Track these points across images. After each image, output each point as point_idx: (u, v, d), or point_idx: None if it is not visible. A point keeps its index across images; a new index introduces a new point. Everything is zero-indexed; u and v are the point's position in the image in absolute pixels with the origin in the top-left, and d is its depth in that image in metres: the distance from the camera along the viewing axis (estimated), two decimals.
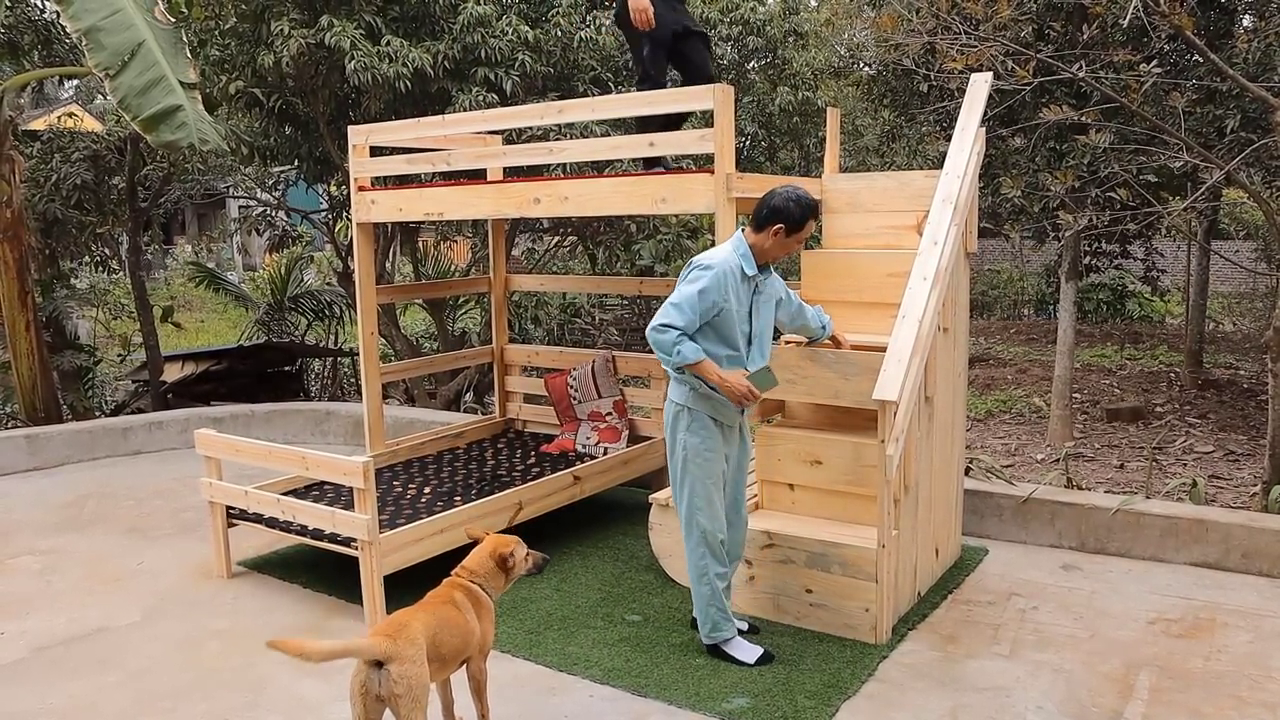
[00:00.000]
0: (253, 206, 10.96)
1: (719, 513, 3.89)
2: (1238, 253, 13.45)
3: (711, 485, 3.85)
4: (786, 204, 3.72)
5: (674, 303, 3.67)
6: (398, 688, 2.89)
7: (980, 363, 12.09)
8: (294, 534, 4.64)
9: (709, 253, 3.81)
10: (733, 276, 3.72)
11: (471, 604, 3.30)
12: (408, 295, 9.69)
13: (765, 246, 3.77)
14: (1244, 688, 3.68)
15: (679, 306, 3.65)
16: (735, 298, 3.74)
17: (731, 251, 3.78)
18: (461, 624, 3.22)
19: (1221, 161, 5.67)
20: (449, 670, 3.26)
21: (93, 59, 6.54)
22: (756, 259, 3.79)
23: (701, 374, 3.68)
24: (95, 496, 6.49)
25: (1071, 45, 6.21)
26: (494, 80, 7.30)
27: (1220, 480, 7.13)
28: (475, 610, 3.29)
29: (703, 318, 3.68)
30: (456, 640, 3.19)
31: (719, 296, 3.68)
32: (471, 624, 3.25)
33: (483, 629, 3.30)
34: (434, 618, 3.15)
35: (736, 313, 3.76)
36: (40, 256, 9.40)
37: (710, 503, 3.86)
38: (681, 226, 8.96)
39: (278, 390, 10.78)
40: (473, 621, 3.26)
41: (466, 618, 3.25)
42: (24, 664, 4.08)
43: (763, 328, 3.91)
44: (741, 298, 3.78)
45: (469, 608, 3.28)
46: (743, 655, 3.92)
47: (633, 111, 4.96)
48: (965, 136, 4.65)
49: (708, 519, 3.86)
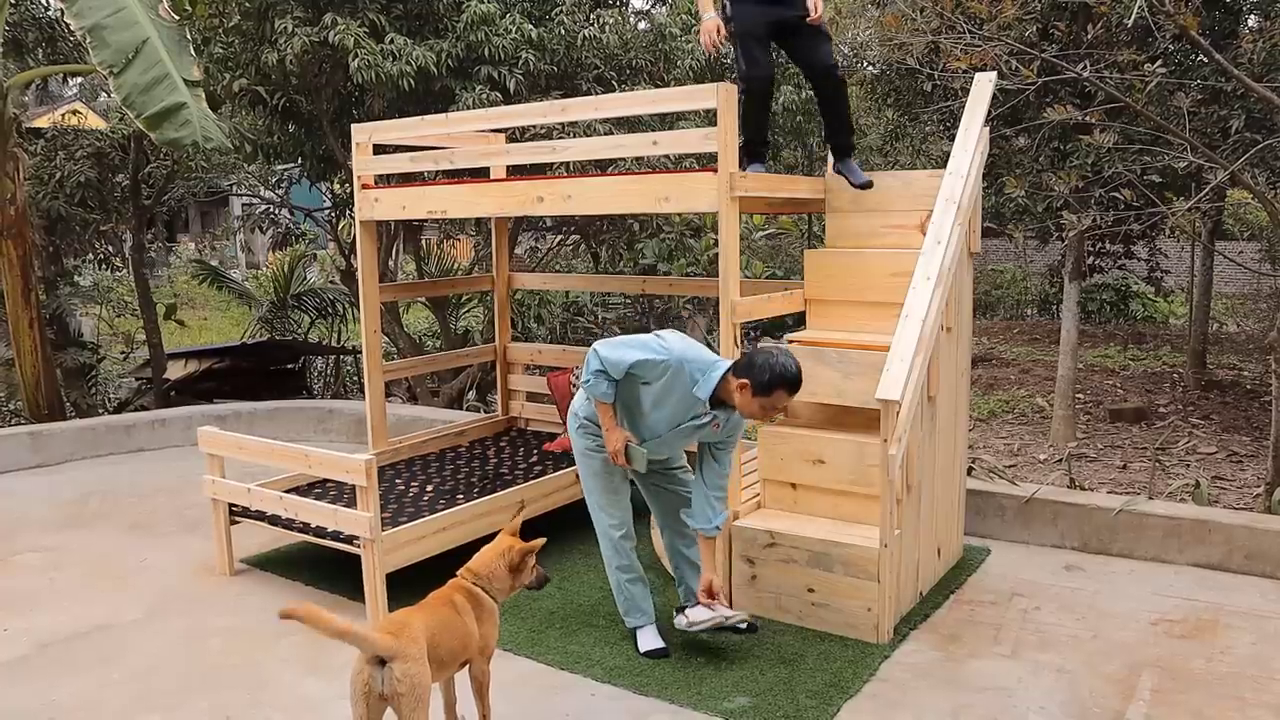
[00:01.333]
0: (256, 204, 10.98)
1: (613, 509, 4.09)
2: (1242, 253, 13.42)
3: (601, 482, 4.06)
4: (763, 367, 3.67)
5: (624, 342, 3.81)
6: (400, 686, 2.88)
7: (983, 363, 12.08)
8: (296, 532, 4.64)
9: (689, 347, 3.82)
10: (680, 379, 3.76)
11: (472, 606, 3.29)
12: (411, 293, 9.70)
13: (730, 389, 3.75)
14: (1247, 689, 3.67)
15: (617, 348, 3.77)
16: (664, 391, 3.80)
17: (707, 365, 3.78)
18: (459, 626, 3.22)
19: (1226, 162, 5.66)
20: (447, 672, 3.26)
21: (96, 56, 6.55)
22: (720, 394, 3.77)
23: (599, 411, 3.89)
24: (98, 494, 6.50)
25: (1076, 45, 6.19)
26: (497, 79, 7.30)
27: (1223, 481, 7.12)
28: (476, 613, 3.28)
29: (622, 373, 3.77)
30: (454, 642, 3.18)
31: (647, 373, 3.77)
32: (470, 627, 3.24)
33: (483, 632, 3.29)
34: (433, 618, 3.15)
35: (653, 402, 3.84)
36: (44, 254, 9.42)
37: (602, 499, 4.09)
38: (684, 225, 8.96)
39: (280, 388, 10.79)
40: (471, 625, 3.25)
41: (465, 620, 3.24)
42: (27, 660, 4.09)
43: (671, 437, 3.95)
44: (673, 398, 3.82)
45: (468, 610, 3.27)
46: (641, 643, 4.06)
47: (636, 110, 4.96)
48: (969, 136, 4.64)
49: (604, 514, 4.10)
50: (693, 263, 8.93)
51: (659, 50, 8.27)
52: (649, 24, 8.87)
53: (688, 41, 8.30)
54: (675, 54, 8.30)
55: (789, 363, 3.70)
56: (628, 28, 8.28)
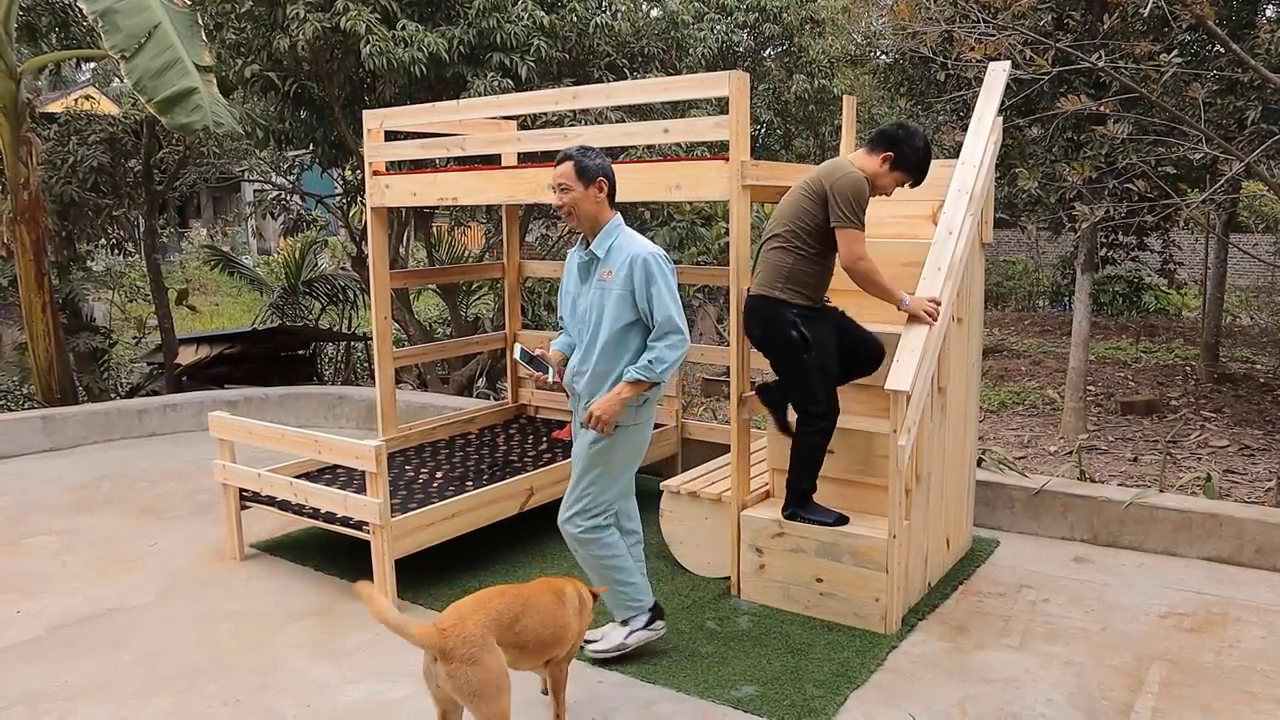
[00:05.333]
0: (267, 190, 10.99)
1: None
2: (1256, 246, 13.35)
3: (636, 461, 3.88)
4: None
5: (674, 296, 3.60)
6: (448, 685, 2.83)
7: (994, 354, 12.05)
8: (306, 517, 4.66)
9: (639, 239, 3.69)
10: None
11: (579, 603, 3.28)
12: (421, 280, 9.69)
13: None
14: (1256, 683, 3.66)
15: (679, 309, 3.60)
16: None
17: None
18: (557, 617, 3.14)
19: (1241, 153, 5.62)
20: (532, 661, 3.15)
21: (108, 41, 6.56)
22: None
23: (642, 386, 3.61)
24: (110, 478, 6.53)
25: (1091, 35, 6.15)
26: (509, 66, 7.29)
27: (1235, 475, 7.09)
28: (579, 611, 3.28)
29: None
30: (545, 632, 3.09)
31: None
32: (568, 620, 3.20)
33: (578, 630, 3.28)
34: (518, 604, 3.05)
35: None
36: (57, 239, 9.45)
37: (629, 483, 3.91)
38: (695, 214, 8.95)
39: (291, 374, 10.83)
40: (571, 619, 3.22)
41: (565, 613, 3.18)
42: (39, 642, 4.12)
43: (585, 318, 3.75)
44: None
45: (574, 605, 3.24)
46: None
47: (648, 98, 4.93)
48: (982, 126, 4.62)
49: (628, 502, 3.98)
50: (704, 251, 8.92)
51: (671, 38, 8.25)
52: (661, 11, 8.85)
53: (700, 29, 8.28)
54: (687, 41, 8.28)
55: None
56: (640, 15, 8.26)
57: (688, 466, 5.52)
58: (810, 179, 4.09)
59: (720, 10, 9.43)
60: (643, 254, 3.57)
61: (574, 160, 3.61)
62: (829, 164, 4.13)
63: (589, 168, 3.61)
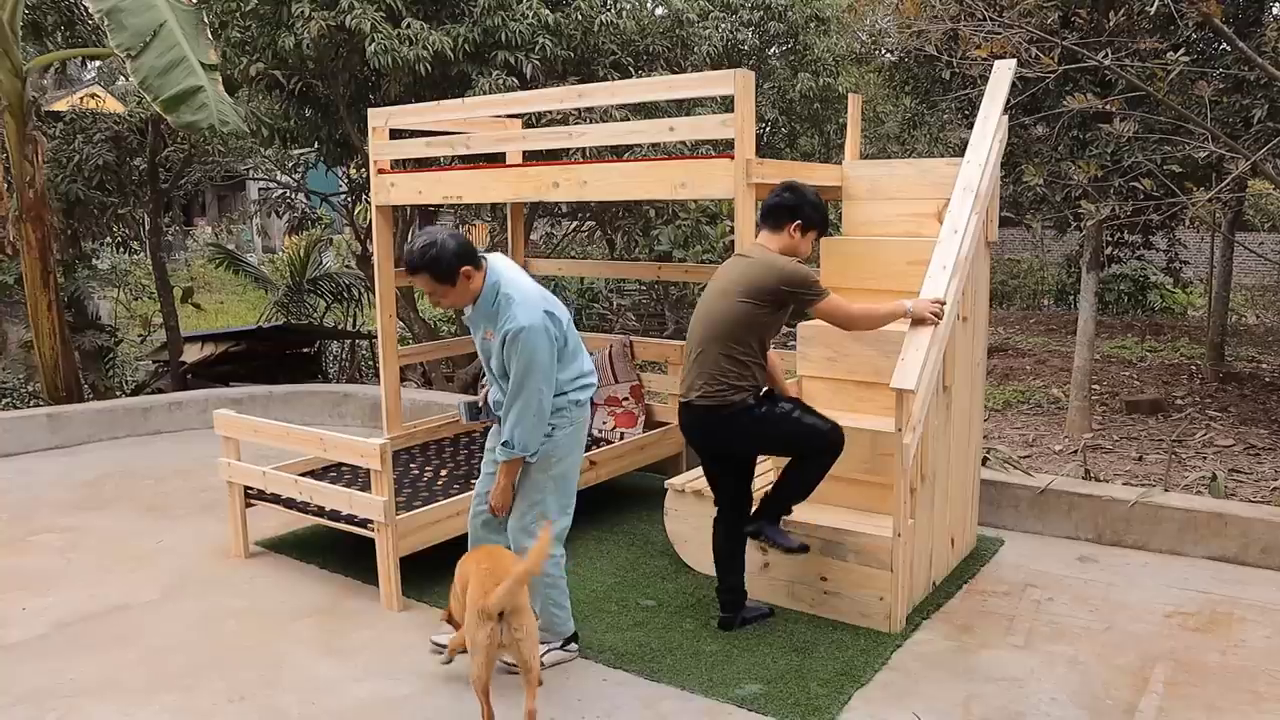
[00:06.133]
0: (272, 189, 11.01)
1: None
2: (1262, 244, 13.32)
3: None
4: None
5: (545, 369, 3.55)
6: (524, 634, 3.15)
7: (999, 353, 12.03)
8: (311, 515, 4.66)
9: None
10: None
11: None
12: None
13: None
14: (1261, 683, 3.65)
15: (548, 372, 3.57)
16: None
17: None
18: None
19: (1248, 152, 5.60)
20: None
21: (114, 39, 6.57)
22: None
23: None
24: (115, 475, 6.55)
25: (1097, 33, 6.13)
26: (514, 64, 7.28)
27: (1240, 474, 7.07)
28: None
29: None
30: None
31: None
32: None
33: None
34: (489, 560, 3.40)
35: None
36: (62, 237, 9.47)
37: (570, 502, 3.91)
38: (700, 212, 8.94)
39: (296, 372, 10.85)
40: None
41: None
42: (45, 639, 4.13)
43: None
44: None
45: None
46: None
47: (653, 96, 4.94)
48: (987, 124, 4.61)
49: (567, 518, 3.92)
50: (708, 249, 8.92)
51: (676, 36, 8.24)
52: (666, 9, 8.84)
53: (705, 27, 8.27)
54: (692, 40, 8.27)
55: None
56: (645, 13, 8.26)
57: (692, 465, 5.52)
58: (751, 290, 3.84)
59: (725, 8, 9.42)
60: (514, 328, 3.46)
61: (425, 271, 3.45)
62: (759, 270, 3.88)
63: (443, 265, 3.44)
